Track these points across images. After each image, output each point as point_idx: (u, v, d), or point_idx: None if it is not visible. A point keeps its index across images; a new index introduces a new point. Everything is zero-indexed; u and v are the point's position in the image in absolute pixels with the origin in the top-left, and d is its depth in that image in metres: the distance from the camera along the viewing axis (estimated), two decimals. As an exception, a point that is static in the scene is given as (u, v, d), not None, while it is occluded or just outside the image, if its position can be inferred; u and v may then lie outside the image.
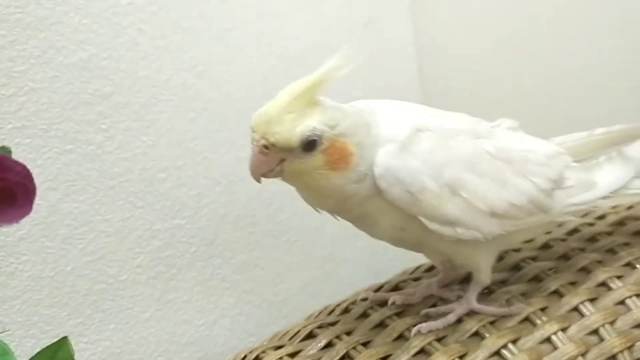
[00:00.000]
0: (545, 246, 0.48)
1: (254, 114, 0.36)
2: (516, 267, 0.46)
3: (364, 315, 0.44)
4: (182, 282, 0.51)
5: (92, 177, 0.46)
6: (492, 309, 0.42)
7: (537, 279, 0.45)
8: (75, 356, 0.45)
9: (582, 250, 0.47)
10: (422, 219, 0.37)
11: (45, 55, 0.44)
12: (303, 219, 0.56)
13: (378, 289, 0.47)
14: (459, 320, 0.41)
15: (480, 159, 0.39)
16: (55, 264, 0.45)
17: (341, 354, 0.40)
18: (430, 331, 0.40)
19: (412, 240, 0.40)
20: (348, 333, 0.42)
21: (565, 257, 0.47)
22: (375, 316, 0.43)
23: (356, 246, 0.60)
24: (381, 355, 0.39)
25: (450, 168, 0.38)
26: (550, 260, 0.47)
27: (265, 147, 0.35)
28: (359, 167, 0.36)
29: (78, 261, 0.46)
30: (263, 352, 0.42)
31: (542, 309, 0.42)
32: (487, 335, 0.40)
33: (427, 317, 0.42)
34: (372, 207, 0.38)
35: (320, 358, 0.40)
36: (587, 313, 0.41)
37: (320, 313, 0.47)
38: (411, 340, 0.40)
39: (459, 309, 0.41)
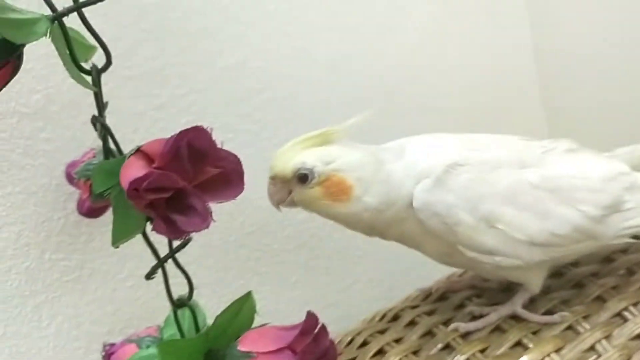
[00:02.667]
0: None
1: None
2: (558, 274, 0.46)
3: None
4: (323, 250, 0.59)
5: (249, 161, 0.54)
6: (535, 316, 0.42)
7: (579, 285, 0.45)
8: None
9: (624, 252, 0.47)
10: (461, 248, 0.40)
11: (207, 59, 0.52)
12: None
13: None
14: (502, 330, 0.42)
15: (521, 191, 0.40)
16: (221, 234, 0.54)
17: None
18: (468, 332, 0.42)
19: (460, 264, 0.44)
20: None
21: (608, 260, 0.46)
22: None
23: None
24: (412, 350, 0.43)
25: (487, 202, 0.39)
26: (592, 265, 0.46)
27: (273, 177, 0.41)
28: (363, 198, 0.40)
29: (239, 233, 0.55)
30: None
31: (585, 317, 0.41)
32: (531, 345, 0.40)
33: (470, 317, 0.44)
34: (411, 232, 0.41)
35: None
36: (631, 317, 0.41)
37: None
38: (456, 351, 0.41)
39: (502, 310, 0.43)
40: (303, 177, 0.40)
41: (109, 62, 0.36)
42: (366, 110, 0.42)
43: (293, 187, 0.41)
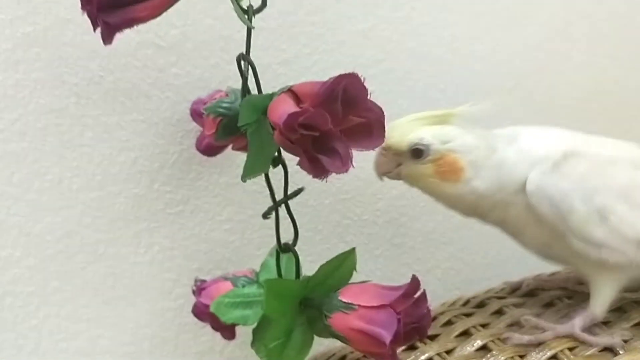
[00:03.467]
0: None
1: None
2: (620, 309, 0.45)
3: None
4: (410, 230, 0.59)
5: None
6: (594, 339, 0.40)
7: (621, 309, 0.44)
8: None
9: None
10: (569, 237, 0.40)
11: (337, 23, 0.52)
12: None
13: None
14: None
15: (635, 189, 0.40)
16: (317, 196, 0.54)
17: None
18: (520, 343, 0.41)
19: (556, 256, 0.43)
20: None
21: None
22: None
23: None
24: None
25: (602, 194, 0.39)
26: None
27: (384, 148, 0.41)
28: (472, 181, 0.40)
29: (334, 198, 0.55)
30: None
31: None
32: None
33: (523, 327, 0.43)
34: (516, 218, 0.41)
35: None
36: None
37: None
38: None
39: (560, 330, 0.41)
40: (418, 153, 0.41)
41: (264, 4, 0.37)
42: (483, 98, 0.42)
43: (404, 160, 0.41)
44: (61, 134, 0.45)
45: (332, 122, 0.32)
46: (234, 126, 0.37)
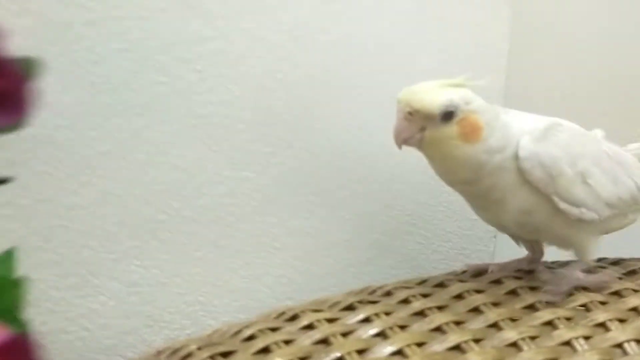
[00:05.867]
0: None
1: (403, 89, 0.42)
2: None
3: (405, 301, 0.44)
4: (238, 231, 0.53)
5: (180, 111, 0.48)
6: (592, 279, 0.46)
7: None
8: (126, 276, 0.48)
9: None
10: (555, 199, 0.44)
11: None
12: (363, 201, 0.57)
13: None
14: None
15: (602, 158, 0.47)
16: (126, 184, 0.48)
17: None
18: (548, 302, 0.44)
19: (533, 224, 0.45)
20: (387, 313, 0.43)
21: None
22: (417, 304, 0.43)
23: (406, 239, 0.61)
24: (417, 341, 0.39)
25: (582, 160, 0.45)
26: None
27: (410, 113, 0.41)
28: (489, 140, 0.42)
29: (147, 188, 0.48)
30: (302, 311, 0.43)
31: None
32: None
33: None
34: (504, 182, 0.43)
35: (356, 330, 0.41)
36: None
37: (361, 291, 0.48)
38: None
39: (566, 282, 0.45)
40: (448, 115, 0.41)
41: None
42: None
43: (429, 124, 0.42)
44: None
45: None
46: None
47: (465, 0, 0.61)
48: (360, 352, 0.37)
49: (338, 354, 0.36)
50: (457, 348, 0.37)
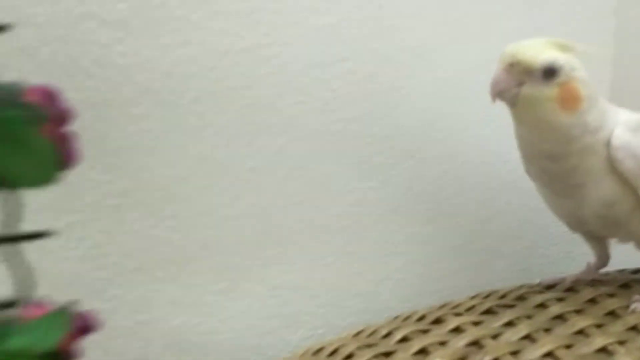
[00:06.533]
0: None
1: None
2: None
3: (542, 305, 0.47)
4: (364, 238, 0.56)
5: (317, 128, 0.52)
6: None
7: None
8: (269, 281, 0.52)
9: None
10: None
11: (301, 17, 0.50)
12: (476, 208, 0.60)
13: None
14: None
15: None
16: (270, 197, 0.51)
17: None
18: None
19: (614, 217, 0.44)
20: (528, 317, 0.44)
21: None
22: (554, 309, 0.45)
23: (515, 244, 0.63)
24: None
25: None
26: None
27: (511, 65, 0.40)
28: (585, 115, 0.41)
29: (287, 200, 0.52)
30: (444, 315, 0.46)
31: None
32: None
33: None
34: (589, 166, 0.42)
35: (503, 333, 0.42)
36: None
37: (487, 296, 0.50)
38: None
39: None
40: (550, 72, 0.40)
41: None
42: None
43: (529, 79, 0.40)
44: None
45: None
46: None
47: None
48: (513, 353, 0.40)
49: (493, 356, 0.39)
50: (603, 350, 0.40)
